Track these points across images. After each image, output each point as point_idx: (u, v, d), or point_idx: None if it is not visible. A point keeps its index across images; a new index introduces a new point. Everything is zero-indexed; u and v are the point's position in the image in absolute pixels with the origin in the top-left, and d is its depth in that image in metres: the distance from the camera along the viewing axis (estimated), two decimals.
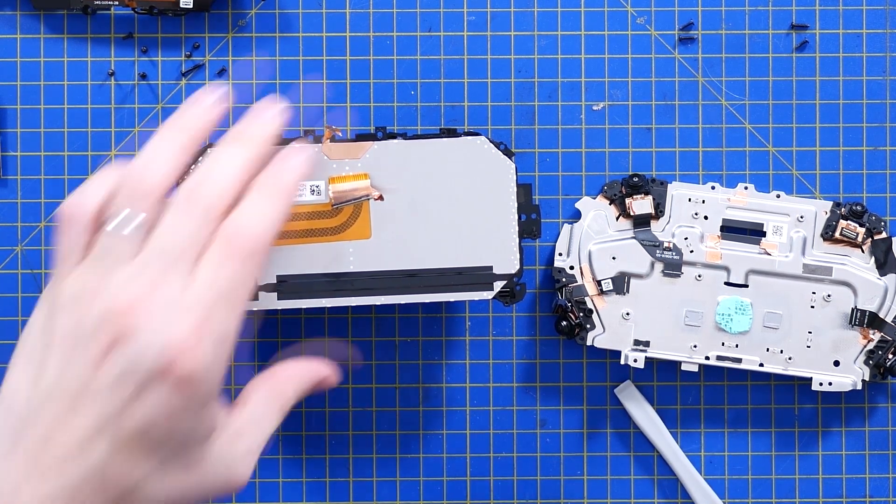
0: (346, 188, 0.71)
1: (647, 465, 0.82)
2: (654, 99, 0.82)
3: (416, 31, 0.82)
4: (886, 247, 0.80)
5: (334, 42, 0.82)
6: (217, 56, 0.82)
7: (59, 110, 0.82)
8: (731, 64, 0.82)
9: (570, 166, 0.82)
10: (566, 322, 0.80)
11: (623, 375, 0.82)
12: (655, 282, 0.80)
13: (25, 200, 0.82)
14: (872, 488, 0.83)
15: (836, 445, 0.83)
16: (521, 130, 0.82)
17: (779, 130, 0.82)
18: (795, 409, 0.83)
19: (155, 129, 0.82)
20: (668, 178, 0.82)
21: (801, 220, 0.80)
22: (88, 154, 0.82)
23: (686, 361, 0.80)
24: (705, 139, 0.82)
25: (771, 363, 0.80)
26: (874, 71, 0.82)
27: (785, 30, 0.82)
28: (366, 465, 0.82)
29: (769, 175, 0.82)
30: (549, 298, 0.82)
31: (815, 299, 0.80)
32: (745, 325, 0.80)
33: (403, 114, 0.82)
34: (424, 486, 0.82)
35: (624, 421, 0.82)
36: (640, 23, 0.82)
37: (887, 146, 0.82)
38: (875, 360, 0.80)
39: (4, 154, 0.82)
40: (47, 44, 0.82)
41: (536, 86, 0.82)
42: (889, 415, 0.83)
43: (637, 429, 0.82)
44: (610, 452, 0.82)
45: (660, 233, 0.80)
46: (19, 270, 0.82)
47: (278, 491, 0.82)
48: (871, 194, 0.82)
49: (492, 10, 0.82)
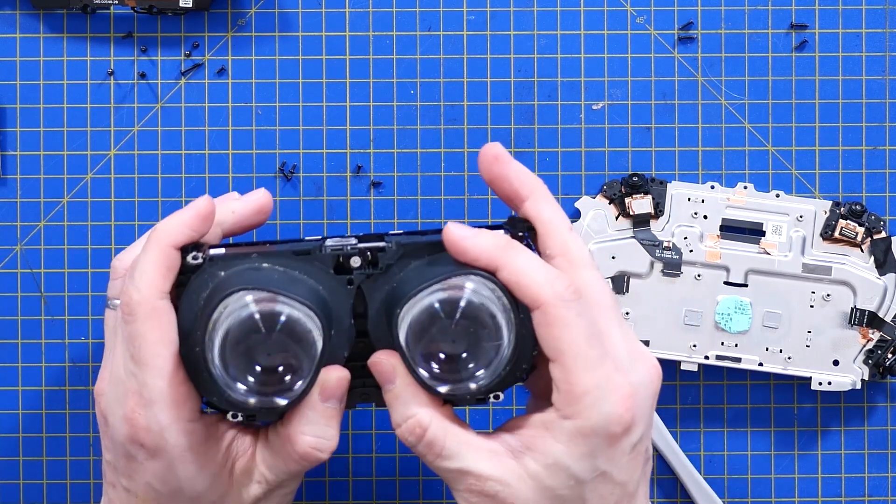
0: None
1: None
2: (653, 98, 0.82)
3: (415, 30, 0.82)
4: (886, 246, 0.80)
5: (334, 41, 0.82)
6: (216, 55, 0.82)
7: (58, 109, 0.82)
8: (730, 63, 0.82)
9: (570, 166, 0.82)
10: None
11: None
12: (655, 281, 0.80)
13: (25, 200, 0.82)
14: (871, 487, 0.83)
15: (835, 445, 0.83)
16: (521, 130, 0.82)
17: (778, 130, 0.82)
18: (795, 408, 0.83)
19: (154, 129, 0.82)
20: (668, 177, 0.82)
21: (800, 219, 0.80)
22: (88, 153, 0.82)
23: (685, 361, 0.80)
24: (705, 139, 0.82)
25: (770, 363, 0.80)
26: (873, 70, 0.82)
27: (784, 29, 0.82)
28: (365, 464, 0.82)
29: (769, 174, 0.82)
30: None
31: (814, 299, 0.80)
32: (744, 325, 0.80)
33: (403, 113, 0.82)
34: (424, 486, 0.82)
35: None
36: (640, 22, 0.82)
37: (886, 146, 0.82)
38: (874, 360, 0.80)
39: (4, 153, 0.81)
40: (47, 43, 0.82)
41: (536, 85, 0.82)
42: (888, 414, 0.83)
43: None
44: None
45: (659, 232, 0.80)
46: (19, 270, 0.82)
47: None
48: (870, 194, 0.82)
49: (491, 9, 0.82)
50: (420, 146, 0.82)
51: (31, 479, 0.82)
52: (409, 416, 0.62)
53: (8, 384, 0.82)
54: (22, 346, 0.82)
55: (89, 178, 0.82)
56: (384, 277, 0.63)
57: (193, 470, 0.64)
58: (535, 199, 0.65)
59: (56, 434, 0.82)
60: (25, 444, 0.82)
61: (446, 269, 0.61)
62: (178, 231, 0.64)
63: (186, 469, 0.64)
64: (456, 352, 0.61)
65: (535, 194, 0.65)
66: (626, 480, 0.62)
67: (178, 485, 0.64)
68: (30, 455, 0.82)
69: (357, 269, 0.63)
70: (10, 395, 0.82)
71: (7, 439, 0.82)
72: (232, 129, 0.82)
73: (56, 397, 0.82)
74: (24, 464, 0.82)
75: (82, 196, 0.82)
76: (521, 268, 0.61)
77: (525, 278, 0.60)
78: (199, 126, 0.82)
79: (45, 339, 0.82)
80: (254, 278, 0.62)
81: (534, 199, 0.64)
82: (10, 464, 0.82)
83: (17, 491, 0.82)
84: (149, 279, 0.62)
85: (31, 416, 0.82)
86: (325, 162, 0.82)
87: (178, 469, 0.63)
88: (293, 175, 0.82)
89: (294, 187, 0.82)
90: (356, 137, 0.82)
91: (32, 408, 0.82)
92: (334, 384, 0.63)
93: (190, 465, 0.63)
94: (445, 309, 0.60)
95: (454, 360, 0.61)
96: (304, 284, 0.63)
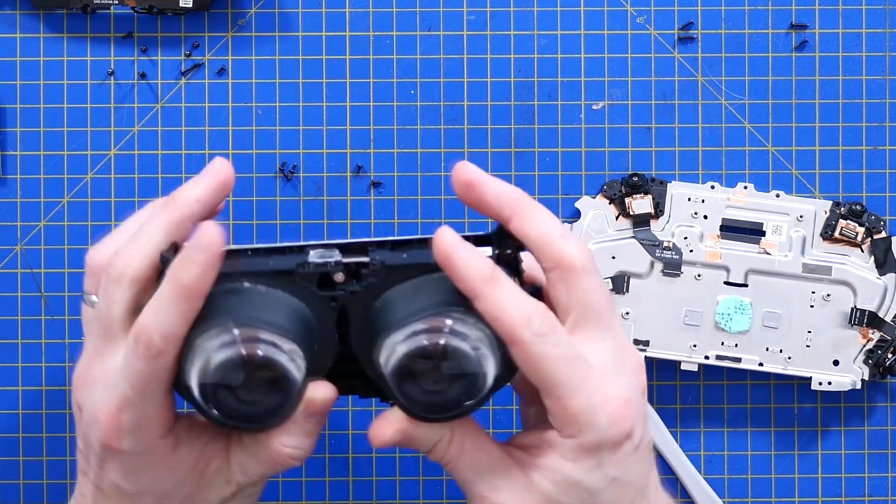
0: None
1: None
2: (653, 98, 0.82)
3: (415, 30, 0.82)
4: (886, 246, 0.80)
5: (334, 41, 0.82)
6: (217, 55, 0.82)
7: (58, 109, 0.82)
8: (730, 63, 0.82)
9: (570, 166, 0.82)
10: None
11: None
12: (655, 281, 0.80)
13: (25, 200, 0.82)
14: (871, 487, 0.83)
15: (835, 445, 0.83)
16: (521, 130, 0.82)
17: (778, 130, 0.82)
18: (795, 408, 0.83)
19: (154, 129, 0.82)
20: (668, 177, 0.82)
21: (800, 219, 0.80)
22: (88, 153, 0.82)
23: (686, 361, 0.80)
24: (705, 139, 0.82)
25: (770, 363, 0.80)
26: (873, 70, 0.82)
27: (784, 29, 0.82)
28: (365, 463, 0.82)
29: (769, 174, 0.82)
30: None
31: (814, 299, 0.80)
32: (744, 325, 0.80)
33: (403, 113, 0.82)
34: (424, 486, 0.82)
35: None
36: (640, 22, 0.82)
37: (887, 146, 0.82)
38: (874, 360, 0.80)
39: (4, 153, 0.81)
40: (47, 43, 0.82)
41: (536, 85, 0.82)
42: (888, 414, 0.83)
43: None
44: None
45: (659, 232, 0.80)
46: (19, 270, 0.82)
47: (278, 490, 0.82)
48: (870, 194, 0.82)
49: (491, 9, 0.82)
50: (420, 146, 0.82)
51: (31, 479, 0.82)
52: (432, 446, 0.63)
53: (8, 384, 0.82)
54: (22, 346, 0.82)
55: (89, 178, 0.82)
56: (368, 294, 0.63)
57: (162, 471, 0.63)
58: (518, 219, 0.63)
59: (56, 434, 0.82)
60: (25, 444, 0.82)
61: (428, 304, 0.61)
62: (192, 209, 0.64)
63: (155, 471, 0.63)
64: (439, 389, 0.61)
65: (517, 214, 0.63)
66: (636, 479, 0.63)
67: (145, 485, 0.63)
68: (30, 455, 0.82)
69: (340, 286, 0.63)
70: (10, 395, 0.82)
71: (7, 439, 0.82)
72: (232, 129, 0.82)
73: (56, 397, 0.82)
74: (24, 464, 0.82)
75: (82, 196, 0.82)
76: (497, 304, 0.60)
77: (501, 314, 0.60)
78: (199, 126, 0.82)
79: (45, 339, 0.82)
80: (234, 304, 0.61)
81: (517, 219, 0.63)
82: (10, 464, 0.82)
83: (17, 491, 0.82)
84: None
85: (32, 416, 0.82)
86: (325, 162, 0.82)
87: (147, 471, 0.63)
88: (293, 175, 0.82)
89: (294, 187, 0.82)
90: (356, 137, 0.82)
91: (32, 408, 0.82)
92: (320, 404, 0.63)
93: (159, 468, 0.63)
94: (426, 352, 0.60)
95: (438, 394, 0.61)
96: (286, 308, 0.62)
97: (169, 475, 0.63)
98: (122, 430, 0.62)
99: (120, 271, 0.62)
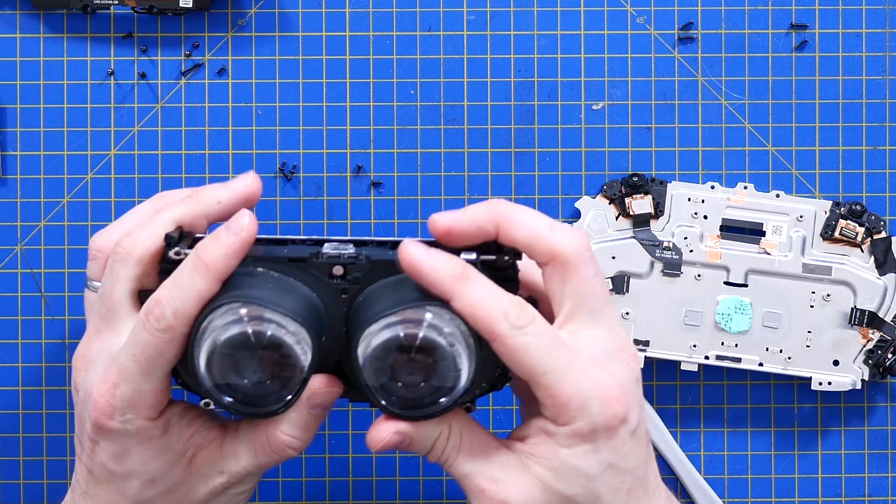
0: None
1: None
2: (653, 98, 0.82)
3: (415, 30, 0.82)
4: (886, 246, 0.80)
5: (334, 41, 0.82)
6: (217, 55, 0.82)
7: (58, 109, 0.82)
8: (730, 63, 0.82)
9: (570, 166, 0.82)
10: None
11: None
12: (655, 281, 0.80)
13: (25, 200, 0.82)
14: (871, 487, 0.83)
15: (835, 445, 0.83)
16: (521, 130, 0.82)
17: (778, 130, 0.82)
18: (795, 408, 0.83)
19: (154, 129, 0.82)
20: (668, 177, 0.82)
21: (800, 219, 0.80)
22: (88, 153, 0.82)
23: (685, 361, 0.80)
24: (705, 139, 0.82)
25: (770, 363, 0.80)
26: (873, 70, 0.82)
27: (784, 29, 0.82)
28: (365, 463, 0.82)
29: (769, 174, 0.82)
30: None
31: (814, 299, 0.80)
32: (744, 325, 0.80)
33: (403, 113, 0.82)
34: (424, 486, 0.82)
35: None
36: (640, 22, 0.82)
37: (887, 146, 0.82)
38: (874, 360, 0.80)
39: (4, 153, 0.81)
40: (47, 43, 0.82)
41: (536, 85, 0.82)
42: (888, 414, 0.83)
43: None
44: None
45: (659, 232, 0.80)
46: (19, 270, 0.82)
47: (278, 490, 0.82)
48: (870, 194, 0.82)
49: (491, 9, 0.82)
50: (420, 146, 0.82)
51: (31, 479, 0.82)
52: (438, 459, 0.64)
53: (8, 384, 0.82)
54: (22, 346, 0.82)
55: (89, 178, 0.82)
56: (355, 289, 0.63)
57: (150, 454, 0.64)
58: (503, 228, 0.63)
59: (56, 434, 0.82)
60: (25, 443, 0.82)
61: (406, 297, 0.61)
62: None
63: (143, 453, 0.64)
64: (414, 383, 0.61)
65: (501, 227, 0.63)
66: (634, 466, 0.63)
67: (132, 467, 0.64)
68: (30, 455, 0.82)
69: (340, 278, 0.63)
70: (10, 395, 0.82)
71: (7, 439, 0.82)
72: (232, 129, 0.82)
73: (56, 397, 0.82)
74: (25, 463, 0.82)
75: (82, 196, 0.82)
76: (473, 300, 0.60)
77: (478, 311, 0.60)
78: (200, 126, 0.82)
79: (45, 339, 0.82)
80: (246, 285, 0.62)
81: (502, 231, 0.63)
82: (10, 463, 0.82)
83: (17, 491, 0.82)
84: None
85: (32, 415, 0.82)
86: (325, 162, 0.82)
87: (135, 452, 0.64)
88: (293, 175, 0.82)
89: (294, 187, 0.82)
90: (356, 137, 0.82)
91: (33, 408, 0.82)
92: (323, 397, 0.63)
93: (148, 450, 0.64)
94: (401, 343, 0.60)
95: (412, 389, 0.61)
96: (297, 294, 0.63)
97: (157, 459, 0.64)
98: (115, 408, 0.62)
99: (128, 250, 0.64)
